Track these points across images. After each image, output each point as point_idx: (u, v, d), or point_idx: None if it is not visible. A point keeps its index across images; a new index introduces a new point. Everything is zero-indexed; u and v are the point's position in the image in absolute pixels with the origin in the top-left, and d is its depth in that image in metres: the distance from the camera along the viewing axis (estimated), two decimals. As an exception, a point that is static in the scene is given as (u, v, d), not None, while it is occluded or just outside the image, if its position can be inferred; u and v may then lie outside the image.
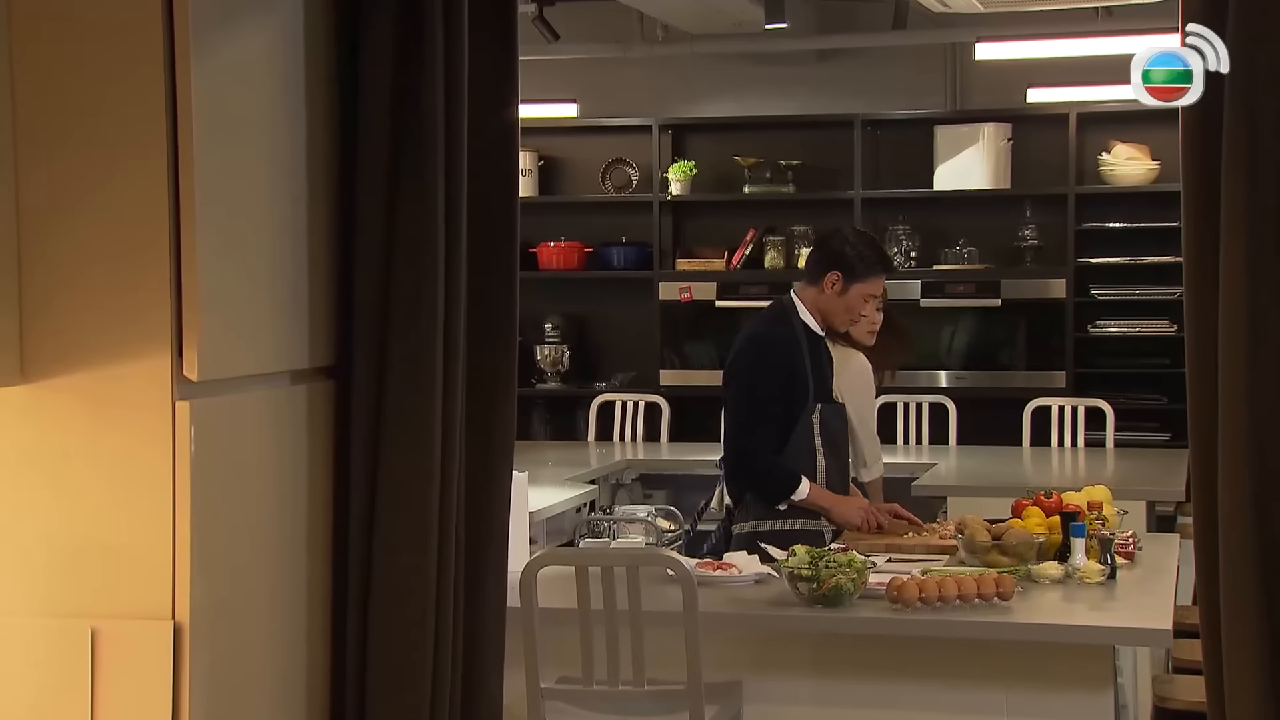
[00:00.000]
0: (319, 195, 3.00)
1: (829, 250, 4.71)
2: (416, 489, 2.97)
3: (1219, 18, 2.69)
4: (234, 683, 2.76)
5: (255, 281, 2.83)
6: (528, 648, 3.54)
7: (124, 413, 2.63)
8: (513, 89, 3.13)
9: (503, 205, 3.14)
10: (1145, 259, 7.61)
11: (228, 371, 2.74)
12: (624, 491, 6.70)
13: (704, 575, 3.88)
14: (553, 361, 8.32)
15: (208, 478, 2.66)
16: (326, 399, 3.04)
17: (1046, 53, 7.21)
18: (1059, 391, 7.29)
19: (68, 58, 2.62)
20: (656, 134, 8.19)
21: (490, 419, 3.14)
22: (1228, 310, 2.68)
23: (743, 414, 4.57)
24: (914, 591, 3.61)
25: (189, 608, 2.62)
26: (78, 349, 2.63)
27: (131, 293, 2.62)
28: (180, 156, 2.60)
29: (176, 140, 2.60)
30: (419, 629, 2.97)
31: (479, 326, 3.11)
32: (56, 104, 2.63)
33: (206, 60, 2.63)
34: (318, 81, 2.98)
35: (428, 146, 2.95)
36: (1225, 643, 2.72)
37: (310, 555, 2.99)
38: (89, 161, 2.62)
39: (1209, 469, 2.74)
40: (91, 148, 2.62)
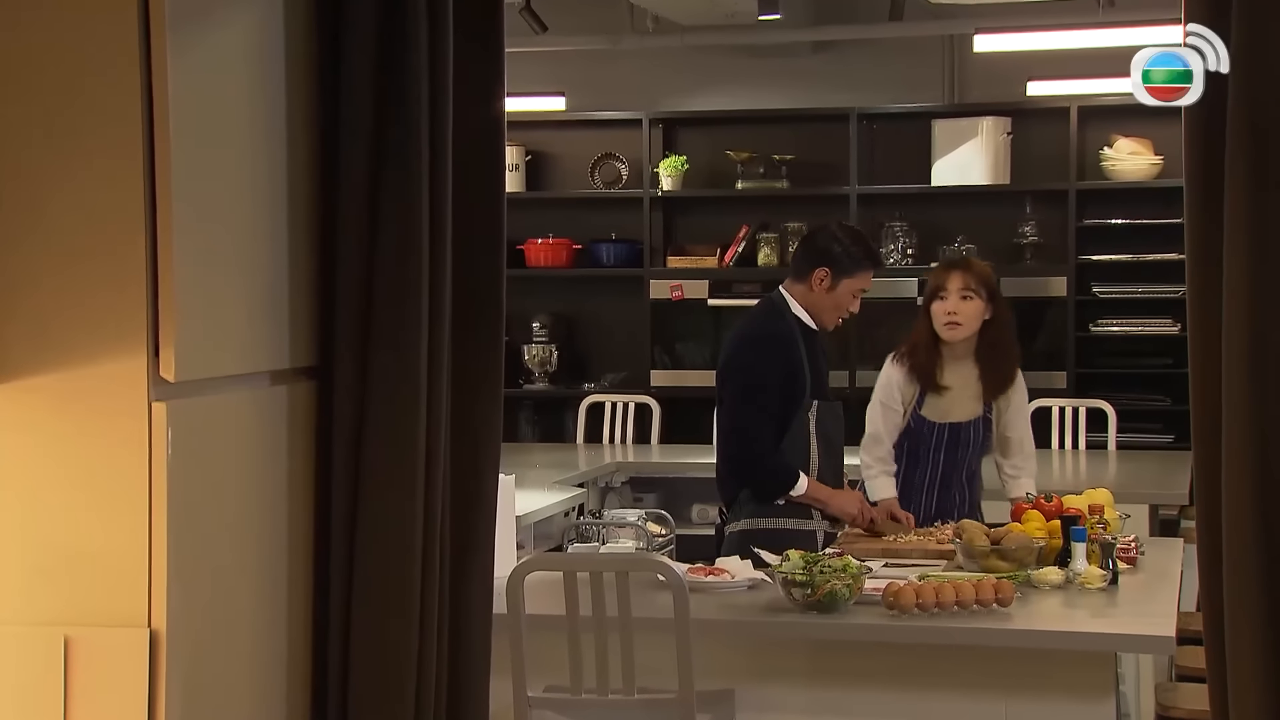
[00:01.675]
0: (300, 191, 2.99)
1: (816, 246, 4.72)
2: (400, 493, 2.97)
3: (1223, 11, 2.70)
4: (212, 693, 2.76)
5: (234, 279, 2.82)
6: (514, 655, 3.54)
7: (99, 415, 2.62)
8: (499, 82, 3.13)
9: (489, 201, 3.14)
10: (1148, 256, 7.62)
11: (206, 372, 2.74)
12: (614, 495, 6.70)
13: (695, 581, 3.88)
14: (540, 361, 8.32)
15: (185, 481, 2.65)
16: (307, 400, 3.04)
17: (1047, 44, 7.22)
18: (1060, 392, 7.29)
19: (42, 51, 2.61)
20: (647, 128, 8.18)
21: (476, 420, 3.14)
22: (1232, 309, 2.69)
23: (742, 412, 4.58)
24: (911, 597, 3.61)
25: (165, 615, 2.61)
26: (51, 349, 2.63)
27: (106, 291, 2.61)
28: (157, 152, 2.60)
29: (153, 136, 2.60)
30: (403, 636, 2.97)
31: (465, 326, 3.11)
32: (30, 98, 2.62)
33: (184, 54, 2.63)
34: (299, 76, 2.98)
35: (412, 141, 2.95)
36: (1229, 650, 2.72)
37: (291, 561, 2.98)
38: (62, 157, 2.62)
39: (1212, 471, 2.75)
40: (65, 143, 2.62)
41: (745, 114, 8.26)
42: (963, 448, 4.87)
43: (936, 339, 4.85)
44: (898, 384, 4.89)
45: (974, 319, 4.82)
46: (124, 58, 2.58)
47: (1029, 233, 7.81)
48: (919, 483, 4.88)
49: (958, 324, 4.81)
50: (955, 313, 4.80)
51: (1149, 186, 7.66)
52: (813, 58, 8.28)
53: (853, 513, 4.63)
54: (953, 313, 4.80)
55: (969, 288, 4.80)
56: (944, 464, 4.87)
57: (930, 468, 4.87)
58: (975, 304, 4.81)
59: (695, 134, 8.38)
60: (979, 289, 4.81)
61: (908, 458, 4.89)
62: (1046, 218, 7.82)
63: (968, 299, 4.80)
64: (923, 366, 4.85)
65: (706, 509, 6.49)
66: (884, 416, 4.90)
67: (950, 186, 7.87)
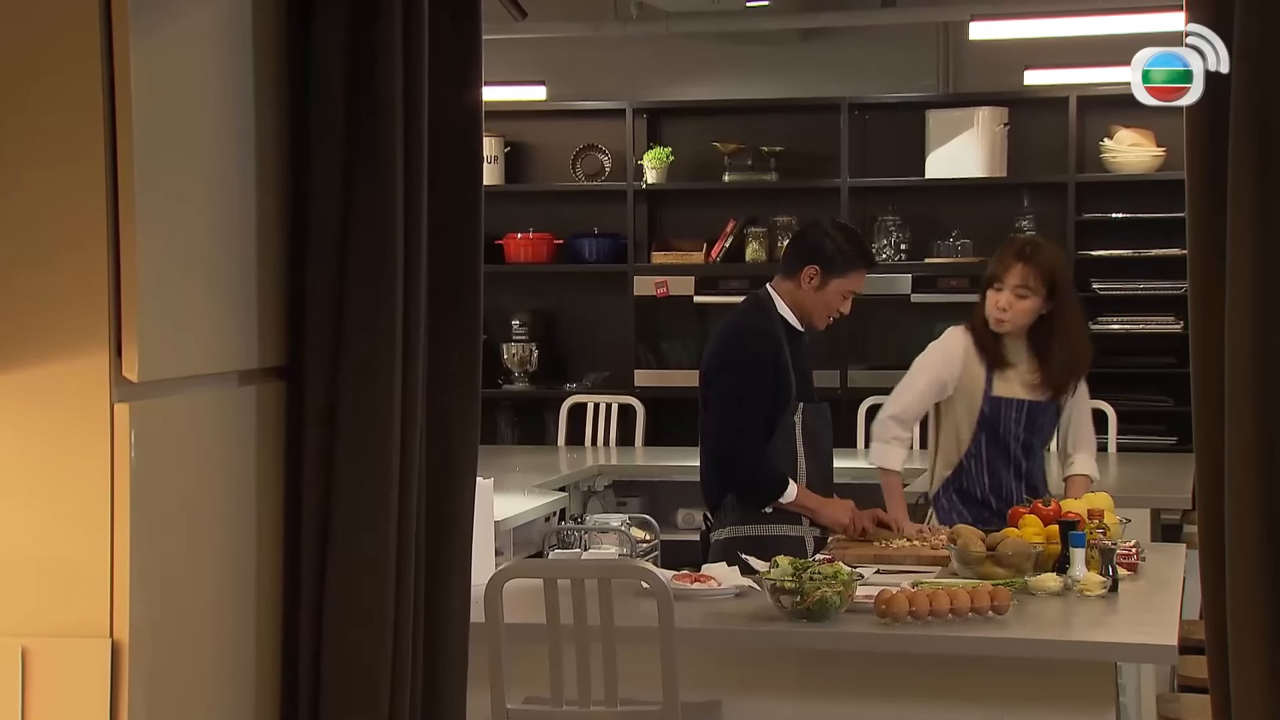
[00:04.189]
0: (269, 183, 2.99)
1: (807, 243, 4.72)
2: (374, 496, 2.96)
3: (1226, 4, 2.71)
4: (176, 705, 2.75)
5: (201, 275, 2.81)
6: (493, 666, 3.54)
7: (58, 416, 2.61)
8: (477, 70, 3.12)
9: (466, 194, 3.13)
10: (1150, 251, 7.65)
11: (170, 372, 2.73)
12: (596, 499, 6.71)
13: (681, 588, 3.88)
14: (520, 361, 8.32)
15: (149, 485, 2.64)
16: (277, 401, 3.03)
17: (1045, 32, 7.24)
18: (1058, 392, 7.30)
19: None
20: (631, 118, 8.19)
21: (453, 422, 3.13)
22: (1235, 305, 2.69)
23: (729, 412, 4.57)
24: (904, 605, 3.62)
25: (128, 625, 2.60)
26: (8, 347, 2.61)
27: (66, 287, 2.60)
28: (119, 140, 2.58)
29: (115, 123, 2.58)
30: (376, 646, 2.96)
31: (441, 323, 3.10)
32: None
33: (147, 38, 2.62)
34: (268, 62, 2.97)
35: (385, 131, 2.94)
36: (1232, 660, 2.72)
37: (260, 568, 2.97)
38: (19, 145, 2.60)
39: (1215, 474, 2.75)
40: (23, 131, 2.60)
41: (733, 104, 8.27)
42: (1040, 427, 4.83)
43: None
44: (961, 357, 4.81)
45: (1024, 317, 4.76)
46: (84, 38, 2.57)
47: (1026, 227, 7.82)
48: (1003, 462, 4.82)
49: (1005, 320, 4.76)
50: (1006, 309, 4.75)
51: (1151, 179, 7.68)
52: (803, 45, 8.30)
53: (844, 522, 4.61)
54: (1004, 308, 4.76)
55: (1026, 285, 4.72)
56: (1023, 441, 4.81)
57: (1013, 444, 4.82)
58: (1029, 303, 4.74)
59: (681, 125, 8.39)
60: (1038, 286, 4.72)
61: (987, 442, 4.82)
62: (1044, 211, 7.84)
63: (1023, 297, 4.74)
64: (984, 343, 4.79)
65: (692, 514, 6.49)
66: (923, 389, 4.83)
67: (945, 179, 7.89)
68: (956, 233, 7.90)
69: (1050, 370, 4.80)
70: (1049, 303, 4.76)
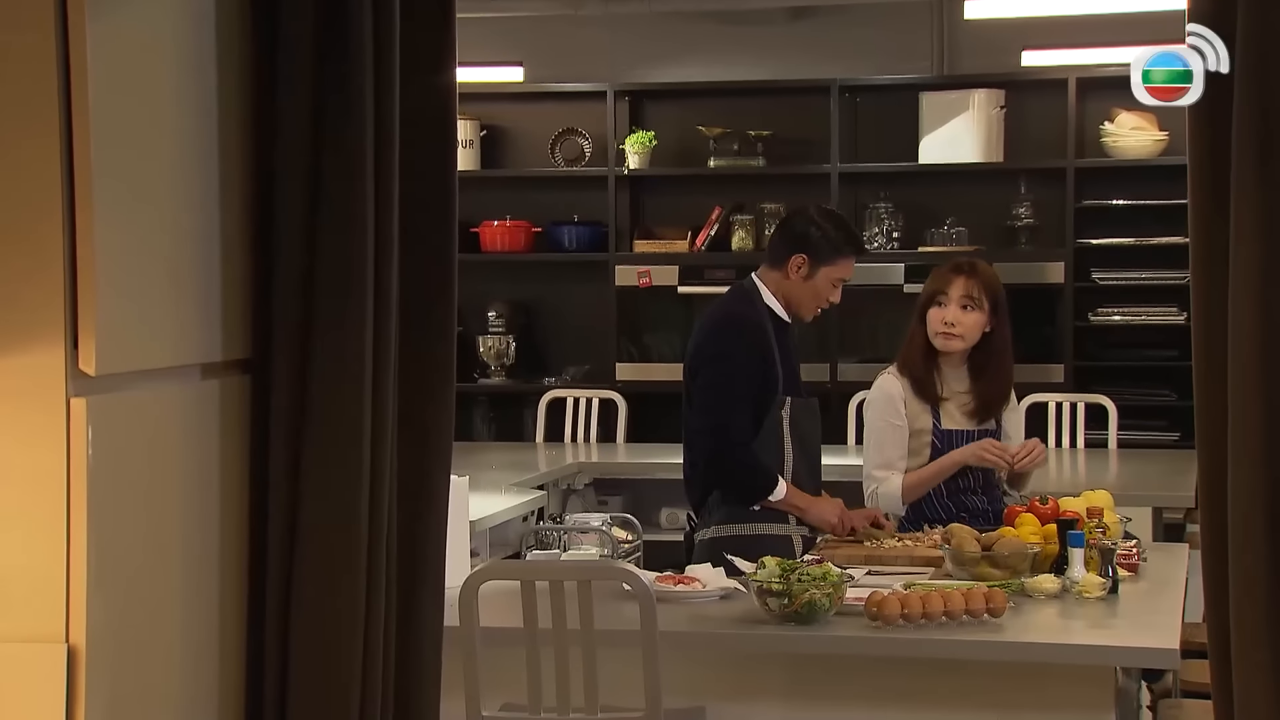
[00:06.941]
0: (233, 169, 2.98)
1: (794, 231, 4.73)
2: (343, 495, 2.96)
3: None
4: (136, 714, 2.75)
5: (161, 264, 2.81)
6: (468, 671, 3.54)
7: (10, 411, 2.60)
8: (450, 50, 3.12)
9: (439, 180, 3.13)
10: (1152, 240, 7.66)
11: (130, 365, 2.72)
12: (576, 498, 6.71)
13: (664, 590, 3.89)
14: (497, 354, 8.31)
15: (107, 484, 2.64)
16: (242, 395, 3.02)
17: (1043, 10, 7.25)
18: (1056, 386, 7.33)
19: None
20: (612, 101, 8.19)
21: (426, 417, 3.13)
22: (1238, 296, 2.70)
23: (717, 403, 4.58)
24: (896, 608, 3.62)
25: (85, 629, 2.60)
26: (-42, 340, 2.61)
27: (19, 276, 2.59)
28: (75, 123, 2.58)
29: (70, 105, 2.57)
30: (346, 650, 2.96)
31: (413, 314, 3.10)
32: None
33: (104, 18, 2.61)
34: (231, 42, 2.96)
35: (354, 115, 2.94)
36: (1235, 664, 2.73)
37: (224, 570, 2.97)
38: (-30, 129, 2.59)
39: (1218, 472, 2.76)
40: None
41: (718, 86, 8.27)
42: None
43: (931, 347, 4.79)
44: (902, 398, 4.79)
45: (974, 331, 4.75)
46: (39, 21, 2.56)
47: (1024, 214, 7.84)
48: (964, 485, 4.80)
49: (954, 335, 4.74)
50: (953, 323, 4.73)
51: (1153, 164, 7.69)
52: (791, 25, 8.29)
53: (833, 522, 4.62)
54: (950, 323, 4.73)
55: (971, 296, 4.72)
56: (983, 469, 4.80)
57: (971, 474, 4.80)
58: (977, 315, 4.73)
59: (664, 108, 8.39)
60: (982, 298, 4.73)
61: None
62: (1042, 198, 7.86)
63: (969, 309, 4.73)
64: (921, 381, 4.78)
65: (676, 513, 6.51)
66: (893, 438, 4.78)
67: (939, 164, 7.90)
68: (951, 220, 7.90)
69: (985, 392, 4.79)
70: (992, 318, 4.76)
